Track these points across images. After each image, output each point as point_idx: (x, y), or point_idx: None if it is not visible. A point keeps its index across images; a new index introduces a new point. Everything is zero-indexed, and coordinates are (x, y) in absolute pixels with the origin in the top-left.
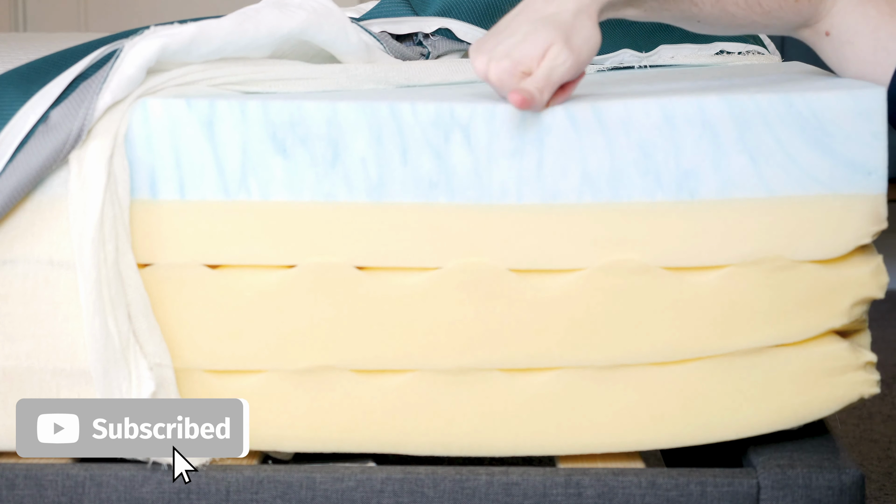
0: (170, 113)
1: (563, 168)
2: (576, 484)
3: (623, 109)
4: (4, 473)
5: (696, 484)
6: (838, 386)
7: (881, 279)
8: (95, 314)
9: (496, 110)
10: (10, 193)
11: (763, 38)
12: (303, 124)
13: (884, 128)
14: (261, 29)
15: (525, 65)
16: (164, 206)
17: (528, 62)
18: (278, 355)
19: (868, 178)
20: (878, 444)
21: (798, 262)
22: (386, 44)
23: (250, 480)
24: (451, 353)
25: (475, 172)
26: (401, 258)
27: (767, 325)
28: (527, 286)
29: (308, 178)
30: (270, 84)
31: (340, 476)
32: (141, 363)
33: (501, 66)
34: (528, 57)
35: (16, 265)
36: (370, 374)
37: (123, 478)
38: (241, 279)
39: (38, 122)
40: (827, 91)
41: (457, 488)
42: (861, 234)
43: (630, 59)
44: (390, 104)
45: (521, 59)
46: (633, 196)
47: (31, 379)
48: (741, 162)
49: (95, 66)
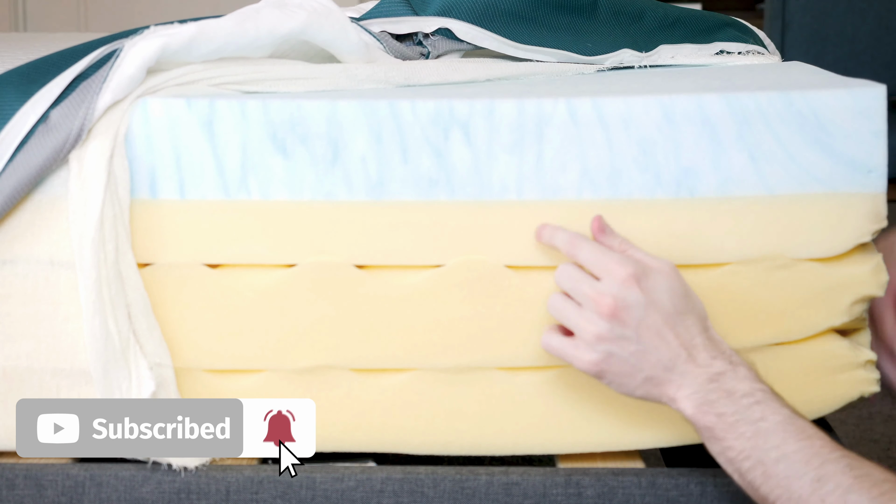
0: (170, 113)
1: (562, 165)
2: (576, 484)
3: (623, 106)
4: (4, 473)
5: (696, 484)
6: (838, 384)
7: (881, 277)
8: (95, 314)
9: (495, 107)
10: (10, 193)
11: (763, 38)
12: (303, 124)
13: (884, 126)
14: (261, 29)
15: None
16: (164, 206)
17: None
18: (278, 355)
19: (868, 177)
20: (878, 444)
21: (798, 261)
22: (386, 43)
23: (250, 480)
24: (452, 351)
25: (475, 169)
26: (401, 256)
27: (767, 323)
28: (527, 283)
29: (308, 177)
30: (270, 84)
31: (340, 476)
32: (141, 363)
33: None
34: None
35: (16, 265)
36: (370, 373)
37: (123, 478)
38: (241, 279)
39: (38, 121)
40: (827, 89)
41: (457, 488)
42: (861, 232)
43: (630, 58)
44: (389, 102)
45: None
46: (632, 193)
47: (31, 379)
48: (741, 160)
49: (95, 65)
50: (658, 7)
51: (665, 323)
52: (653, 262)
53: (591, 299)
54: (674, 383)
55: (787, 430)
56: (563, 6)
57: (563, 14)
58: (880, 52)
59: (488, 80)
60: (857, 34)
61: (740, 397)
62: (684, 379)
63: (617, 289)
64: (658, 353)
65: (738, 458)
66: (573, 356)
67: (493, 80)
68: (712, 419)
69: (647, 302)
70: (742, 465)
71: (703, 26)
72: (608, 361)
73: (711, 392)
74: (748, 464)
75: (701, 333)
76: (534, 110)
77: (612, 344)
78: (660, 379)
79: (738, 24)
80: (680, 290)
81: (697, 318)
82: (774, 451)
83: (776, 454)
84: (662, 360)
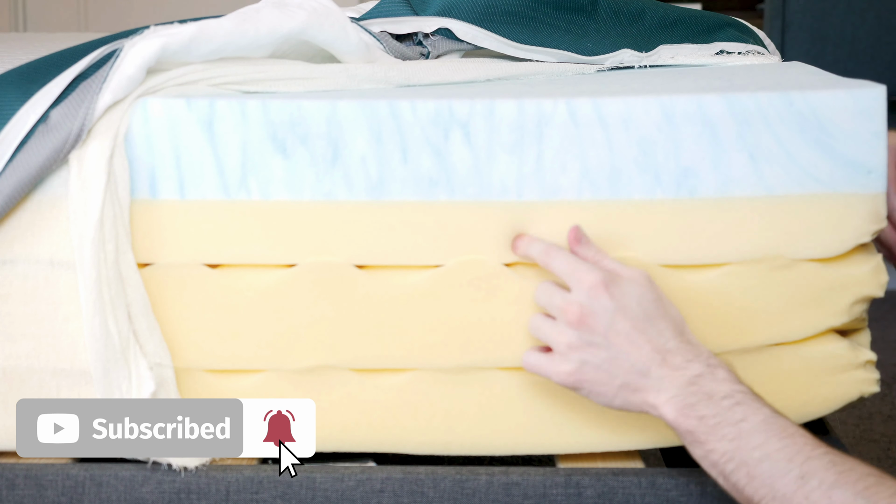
0: (170, 113)
1: (562, 165)
2: (576, 484)
3: (623, 107)
4: (4, 473)
5: (696, 484)
6: (838, 384)
7: (881, 278)
8: (95, 314)
9: (495, 107)
10: (10, 193)
11: (763, 38)
12: (303, 124)
13: (884, 127)
14: (261, 29)
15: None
16: (164, 206)
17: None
18: (278, 355)
19: (868, 177)
20: (878, 444)
21: (798, 261)
22: (386, 44)
23: (250, 480)
24: (452, 351)
25: (475, 170)
26: (401, 257)
27: (767, 323)
28: (527, 283)
29: (308, 177)
30: (270, 84)
31: (340, 476)
32: (141, 363)
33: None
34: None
35: (16, 265)
36: (370, 373)
37: (123, 478)
38: (241, 279)
39: (38, 121)
40: (827, 90)
41: (457, 488)
42: (861, 232)
43: (630, 58)
44: (389, 102)
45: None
46: (632, 193)
47: (31, 379)
48: (741, 160)
49: (95, 65)
50: (658, 7)
51: (634, 328)
52: (623, 271)
53: (561, 309)
54: (652, 389)
55: (769, 429)
56: (563, 6)
57: (562, 14)
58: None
59: (488, 81)
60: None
61: (720, 399)
62: (662, 383)
63: (584, 297)
64: (629, 357)
65: (721, 460)
66: (550, 370)
67: (493, 80)
68: (694, 422)
69: (616, 308)
70: (726, 467)
71: (703, 26)
72: (582, 371)
73: (691, 395)
74: (731, 465)
75: (675, 338)
76: (534, 110)
77: (582, 352)
78: (636, 385)
79: (738, 24)
80: (651, 296)
81: (671, 322)
82: (757, 451)
83: (759, 454)
84: (636, 365)
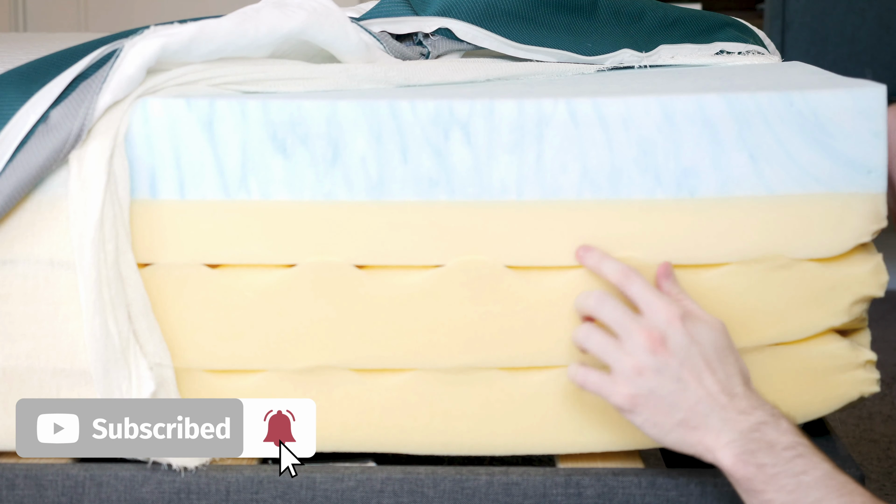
0: (170, 113)
1: (562, 165)
2: (576, 484)
3: (623, 106)
4: (4, 473)
5: (696, 484)
6: (838, 384)
7: (881, 278)
8: (95, 314)
9: (495, 107)
10: (10, 193)
11: (763, 38)
12: (303, 124)
13: (883, 126)
14: (261, 29)
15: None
16: (164, 206)
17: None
18: (278, 355)
19: (868, 177)
20: (878, 444)
21: (798, 261)
22: (386, 44)
23: (250, 480)
24: (452, 351)
25: (475, 170)
26: (401, 257)
27: (767, 323)
28: (527, 283)
29: (308, 177)
30: (270, 84)
31: (340, 476)
32: (141, 363)
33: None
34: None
35: (16, 265)
36: (370, 373)
37: (123, 478)
38: (241, 279)
39: (38, 121)
40: (827, 90)
41: (457, 488)
42: (861, 232)
43: (630, 58)
44: (390, 102)
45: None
46: (632, 193)
47: (31, 379)
48: (741, 160)
49: (95, 65)
50: (658, 7)
51: (707, 366)
52: (701, 314)
53: (636, 332)
54: (712, 430)
55: (829, 484)
56: (563, 6)
57: (562, 14)
58: (880, 52)
59: (488, 81)
60: (857, 34)
61: (782, 449)
62: (724, 425)
63: (664, 324)
64: (696, 394)
65: None
66: (609, 391)
67: (493, 80)
68: (752, 470)
69: (691, 342)
70: None
71: (703, 26)
72: (646, 397)
73: (752, 442)
74: None
75: (742, 385)
76: (534, 110)
77: (650, 379)
78: (696, 423)
79: (738, 24)
80: (724, 342)
81: (740, 371)
82: None
83: None
84: (701, 403)
